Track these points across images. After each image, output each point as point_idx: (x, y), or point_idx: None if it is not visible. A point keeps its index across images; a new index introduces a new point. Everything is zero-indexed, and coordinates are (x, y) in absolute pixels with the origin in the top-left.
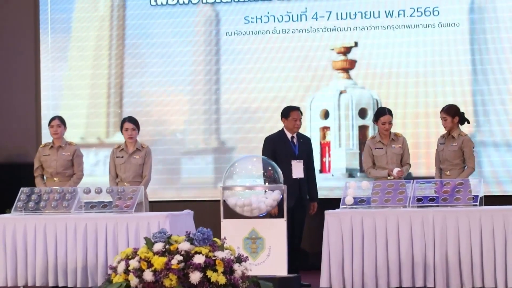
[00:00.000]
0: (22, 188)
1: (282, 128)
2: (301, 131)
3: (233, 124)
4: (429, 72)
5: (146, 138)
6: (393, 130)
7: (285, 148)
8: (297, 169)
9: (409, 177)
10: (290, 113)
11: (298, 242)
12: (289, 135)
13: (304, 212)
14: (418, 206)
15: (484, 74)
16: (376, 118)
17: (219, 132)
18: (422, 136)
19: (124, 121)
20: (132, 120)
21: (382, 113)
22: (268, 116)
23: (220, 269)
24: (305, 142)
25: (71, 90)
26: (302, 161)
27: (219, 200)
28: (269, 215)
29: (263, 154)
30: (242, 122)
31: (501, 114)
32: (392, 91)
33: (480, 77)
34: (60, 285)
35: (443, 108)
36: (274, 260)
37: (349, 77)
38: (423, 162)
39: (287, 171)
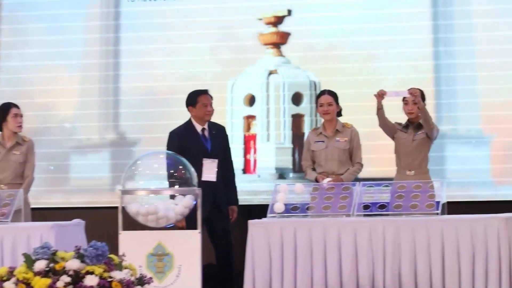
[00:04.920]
0: None
1: (190, 119)
2: (221, 121)
3: (135, 112)
4: (384, 57)
5: (25, 126)
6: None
7: (195, 144)
8: (209, 170)
9: (355, 178)
10: (197, 98)
11: (226, 258)
12: (198, 127)
13: (225, 220)
14: (364, 215)
15: (449, 58)
16: (315, 104)
17: (118, 121)
18: (373, 129)
19: (9, 106)
20: (17, 105)
21: (321, 93)
22: (179, 102)
23: None
24: (219, 134)
25: None
26: (216, 160)
27: (117, 207)
28: (176, 227)
29: None
30: (147, 110)
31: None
32: (333, 71)
33: (443, 61)
34: None
35: (413, 90)
36: (185, 282)
37: (281, 54)
38: (373, 161)
39: (198, 172)
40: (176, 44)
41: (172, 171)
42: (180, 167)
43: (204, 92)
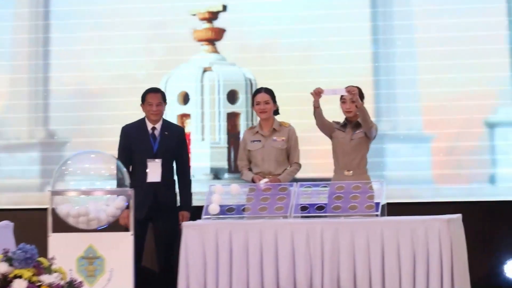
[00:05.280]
0: None
1: (144, 117)
2: None
3: (66, 111)
4: (321, 45)
5: None
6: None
7: (141, 143)
8: (153, 171)
9: (292, 179)
10: (145, 96)
11: (167, 261)
12: (149, 126)
13: (169, 223)
14: (302, 216)
15: (388, 46)
16: (252, 102)
17: (48, 121)
18: (311, 127)
19: None
20: None
21: (257, 91)
22: (112, 100)
23: None
24: (172, 136)
25: None
26: (159, 160)
27: (46, 209)
28: (115, 226)
29: (118, 149)
30: (78, 109)
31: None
32: (270, 68)
33: (382, 50)
34: None
35: (351, 88)
36: (117, 286)
37: (215, 51)
38: (311, 161)
39: (143, 171)
40: (108, 39)
41: (105, 171)
42: (112, 167)
43: (151, 90)
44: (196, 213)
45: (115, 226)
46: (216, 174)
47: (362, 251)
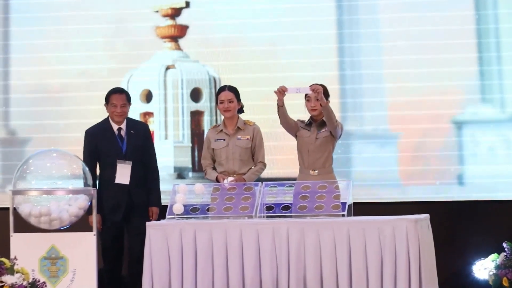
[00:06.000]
0: None
1: (107, 118)
2: None
3: (27, 108)
4: (286, 40)
5: None
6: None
7: (109, 144)
8: (122, 173)
9: (258, 178)
10: (109, 97)
11: (137, 260)
12: (115, 127)
13: (142, 221)
14: (267, 216)
15: (353, 40)
16: (215, 100)
17: (8, 117)
18: (276, 126)
19: None
20: None
21: (221, 89)
22: (72, 97)
23: None
24: (138, 133)
25: None
26: (130, 163)
27: (8, 208)
28: (78, 226)
29: (84, 153)
30: (39, 105)
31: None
32: (234, 66)
33: (347, 45)
34: None
35: (315, 86)
36: (80, 286)
37: (179, 48)
38: (276, 160)
39: (113, 174)
40: (69, 34)
41: (67, 170)
42: (74, 166)
43: (116, 91)
44: (160, 212)
45: (77, 226)
46: (180, 173)
47: (328, 251)
